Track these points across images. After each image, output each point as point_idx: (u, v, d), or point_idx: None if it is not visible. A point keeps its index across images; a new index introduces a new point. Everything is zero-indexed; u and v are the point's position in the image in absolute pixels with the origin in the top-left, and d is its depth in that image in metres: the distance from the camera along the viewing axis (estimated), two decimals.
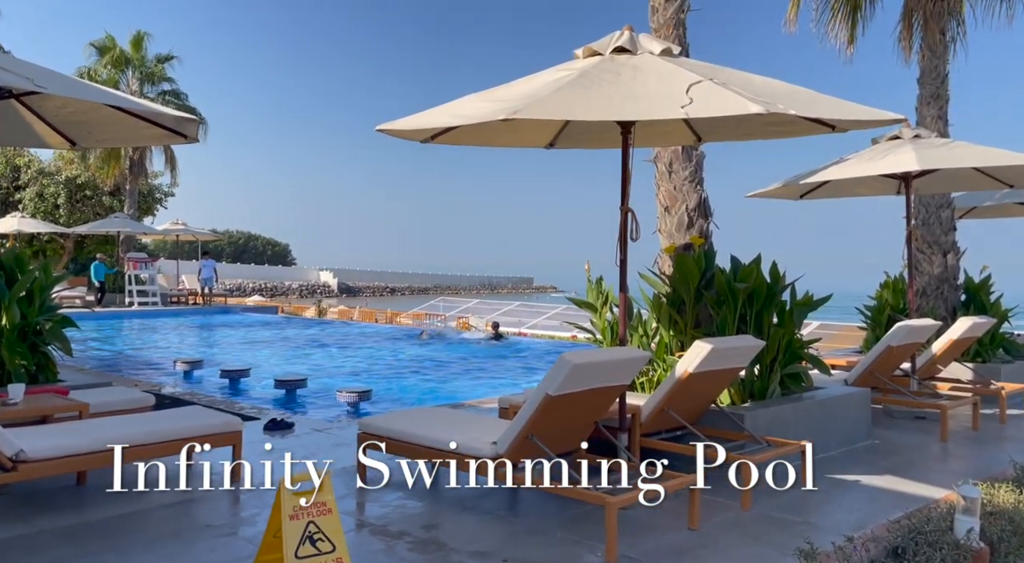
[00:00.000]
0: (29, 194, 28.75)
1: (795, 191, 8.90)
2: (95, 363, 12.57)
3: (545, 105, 3.65)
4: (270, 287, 74.45)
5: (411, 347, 15.94)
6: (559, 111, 3.70)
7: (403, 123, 4.28)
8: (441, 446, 4.53)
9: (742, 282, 5.89)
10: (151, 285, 23.75)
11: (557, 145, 5.95)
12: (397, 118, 4.46)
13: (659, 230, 6.75)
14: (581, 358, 4.11)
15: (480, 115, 3.77)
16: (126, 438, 4.49)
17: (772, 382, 6.07)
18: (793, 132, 5.35)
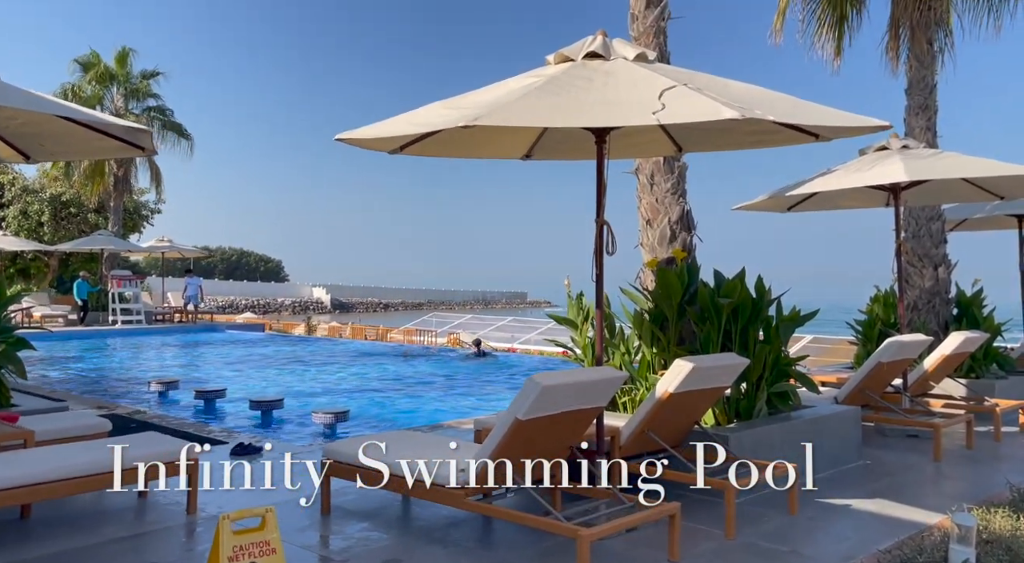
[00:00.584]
0: (13, 212, 28.40)
1: (782, 203, 8.72)
2: (69, 384, 12.25)
3: (508, 112, 3.44)
4: (263, 304, 74.10)
5: (395, 365, 15.66)
6: (523, 118, 3.49)
7: (363, 132, 4.06)
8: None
9: (726, 297, 5.67)
10: (135, 303, 23.42)
11: (534, 156, 5.74)
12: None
13: (641, 244, 6.54)
14: (551, 379, 3.87)
15: (441, 123, 3.56)
16: (72, 468, 4.23)
17: (758, 401, 5.83)
18: (776, 141, 5.15)
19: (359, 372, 14.48)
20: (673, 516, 4.06)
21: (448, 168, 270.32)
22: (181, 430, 7.25)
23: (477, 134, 5.23)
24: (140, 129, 4.65)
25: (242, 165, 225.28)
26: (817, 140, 4.93)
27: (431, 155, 5.32)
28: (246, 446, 6.39)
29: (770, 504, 5.04)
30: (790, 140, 5.06)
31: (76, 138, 5.18)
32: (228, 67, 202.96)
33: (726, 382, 5.12)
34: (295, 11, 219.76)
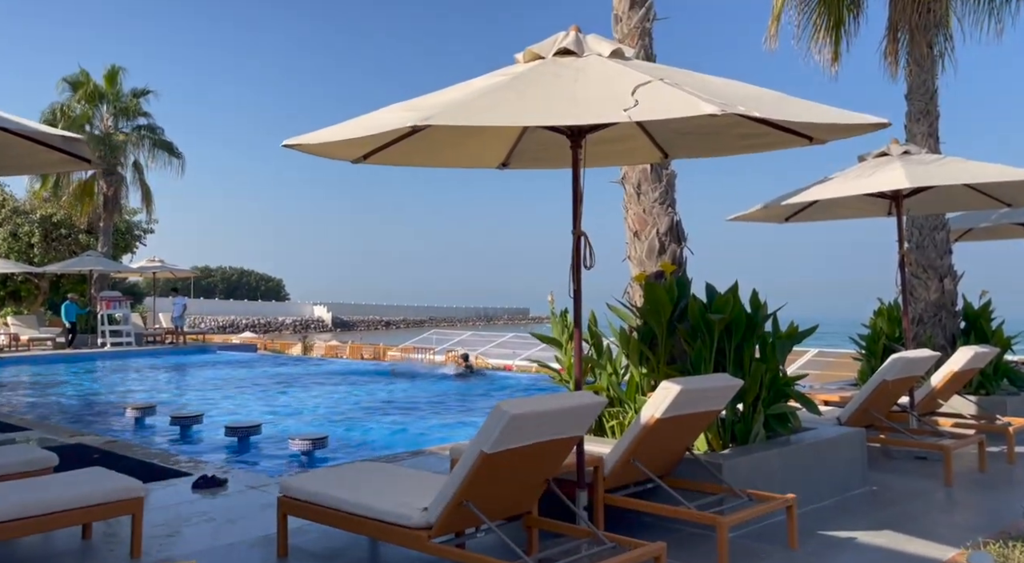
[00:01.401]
0: (2, 233, 28.13)
1: (779, 213, 8.35)
2: (44, 410, 11.85)
3: (464, 111, 3.08)
4: (263, 323, 73.73)
5: (385, 385, 15.26)
6: (480, 117, 3.13)
7: (313, 137, 3.69)
8: (365, 513, 3.88)
9: (717, 313, 5.28)
10: (125, 325, 23.05)
11: (511, 165, 5.38)
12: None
13: (629, 257, 6.16)
14: (520, 408, 3.48)
15: (393, 123, 3.19)
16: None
17: (755, 424, 5.43)
18: (767, 145, 4.79)
19: (347, 393, 14.07)
20: (658, 558, 3.65)
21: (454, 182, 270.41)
22: (146, 461, 6.84)
23: (446, 141, 4.88)
24: (75, 138, 4.31)
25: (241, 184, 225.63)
26: (811, 142, 4.57)
27: (398, 164, 4.97)
28: (209, 479, 5.98)
29: (768, 538, 4.63)
30: (782, 143, 4.70)
31: (21, 151, 4.83)
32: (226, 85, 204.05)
33: (718, 405, 4.72)
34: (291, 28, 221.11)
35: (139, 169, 26.45)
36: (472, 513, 3.60)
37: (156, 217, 29.45)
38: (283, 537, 4.36)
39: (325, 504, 4.09)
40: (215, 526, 4.96)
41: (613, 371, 5.70)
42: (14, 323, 24.77)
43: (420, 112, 3.08)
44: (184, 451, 8.44)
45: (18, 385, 15.34)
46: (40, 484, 4.17)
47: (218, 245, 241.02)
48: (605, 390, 5.71)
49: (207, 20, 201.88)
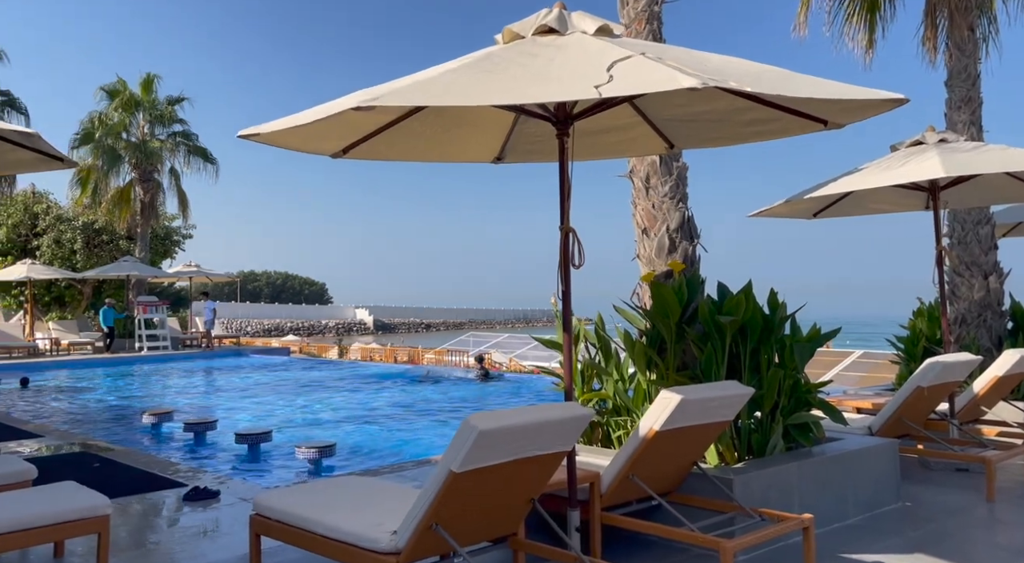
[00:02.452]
0: (47, 241, 28.71)
1: (807, 209, 7.88)
2: (68, 415, 11.88)
3: (414, 92, 2.77)
4: (307, 326, 74.63)
5: (407, 390, 15.04)
6: (433, 97, 2.81)
7: (267, 126, 3.42)
8: (334, 535, 3.58)
9: (728, 315, 4.88)
10: (161, 329, 23.29)
11: (506, 159, 5.06)
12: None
13: (637, 256, 5.78)
14: (491, 422, 3.15)
15: (337, 108, 2.89)
16: None
17: (773, 435, 5.02)
18: (778, 131, 4.39)
19: (368, 398, 13.88)
20: None
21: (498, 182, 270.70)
22: (146, 470, 6.68)
23: (434, 134, 4.58)
24: (30, 133, 4.12)
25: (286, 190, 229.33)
26: (827, 127, 4.16)
27: (385, 158, 4.68)
28: (201, 490, 5.77)
29: (784, 561, 4.23)
30: (794, 129, 4.29)
31: None
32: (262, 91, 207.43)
33: (727, 415, 4.33)
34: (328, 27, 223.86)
35: (175, 175, 26.76)
36: (442, 538, 3.29)
37: (194, 222, 29.80)
38: (255, 558, 4.10)
39: (295, 524, 3.81)
40: (196, 542, 4.73)
41: (620, 377, 5.34)
42: (55, 328, 25.25)
43: (368, 95, 2.78)
44: (191, 459, 8.31)
45: (50, 389, 15.50)
46: (8, 500, 3.96)
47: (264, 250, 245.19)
48: (612, 398, 5.35)
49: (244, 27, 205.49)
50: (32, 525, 3.80)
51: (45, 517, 3.86)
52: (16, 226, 29.85)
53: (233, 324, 66.52)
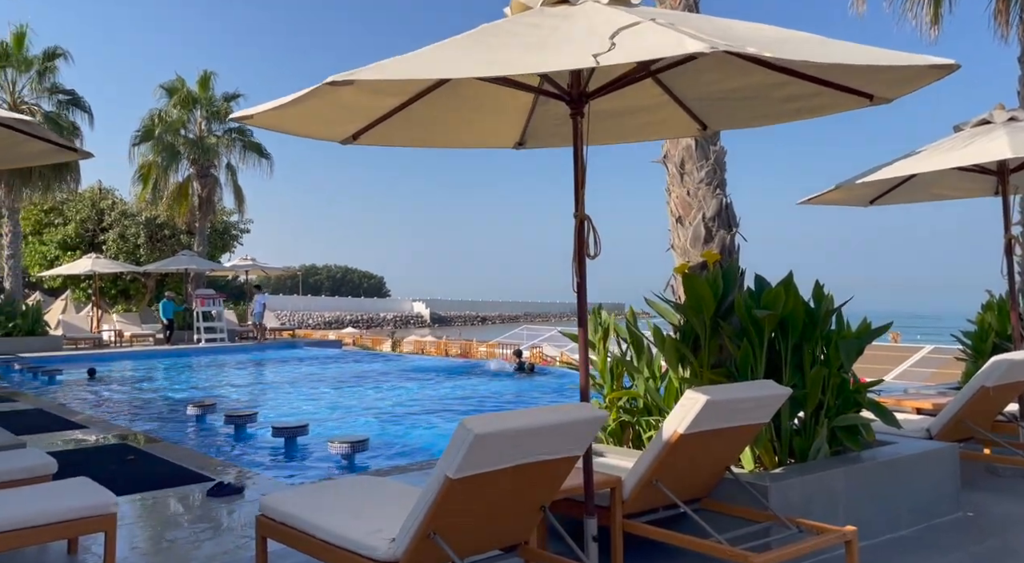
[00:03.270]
0: (112, 235, 29.63)
1: (861, 195, 7.40)
2: (118, 405, 12.10)
3: (398, 67, 2.53)
4: (366, 318, 75.70)
5: (451, 383, 14.92)
6: (415, 70, 2.57)
7: (261, 108, 3.22)
8: (334, 541, 3.40)
9: (765, 308, 4.53)
10: (219, 321, 23.76)
11: (528, 144, 4.80)
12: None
13: (672, 246, 5.46)
14: (490, 425, 2.91)
15: (318, 85, 2.68)
16: None
17: (817, 437, 4.65)
18: (819, 108, 4.02)
19: (411, 392, 13.80)
20: None
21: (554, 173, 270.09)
22: (178, 464, 6.66)
23: (448, 118, 4.35)
24: (29, 121, 4.06)
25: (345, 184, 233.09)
26: (872, 102, 3.78)
27: (395, 145, 4.48)
28: (225, 486, 5.69)
29: None
30: (837, 105, 3.92)
31: (8, 143, 4.63)
32: None
33: (761, 417, 4.00)
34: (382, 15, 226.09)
35: (232, 171, 27.27)
36: (439, 548, 3.07)
37: (250, 217, 30.37)
38: (263, 560, 3.95)
39: (297, 527, 3.64)
40: (209, 541, 4.63)
41: (651, 375, 5.03)
42: (119, 320, 26.03)
43: (350, 73, 2.55)
44: (229, 451, 8.30)
45: (110, 380, 15.90)
46: (8, 497, 3.90)
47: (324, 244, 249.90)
48: (642, 396, 5.05)
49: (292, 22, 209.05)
50: (34, 523, 3.72)
51: (49, 515, 3.78)
52: (84, 221, 30.94)
53: (295, 316, 67.97)
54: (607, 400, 5.17)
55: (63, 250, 30.70)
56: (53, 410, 10.23)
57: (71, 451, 7.42)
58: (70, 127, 23.68)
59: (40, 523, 3.73)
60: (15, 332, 21.45)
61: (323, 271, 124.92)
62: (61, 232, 30.88)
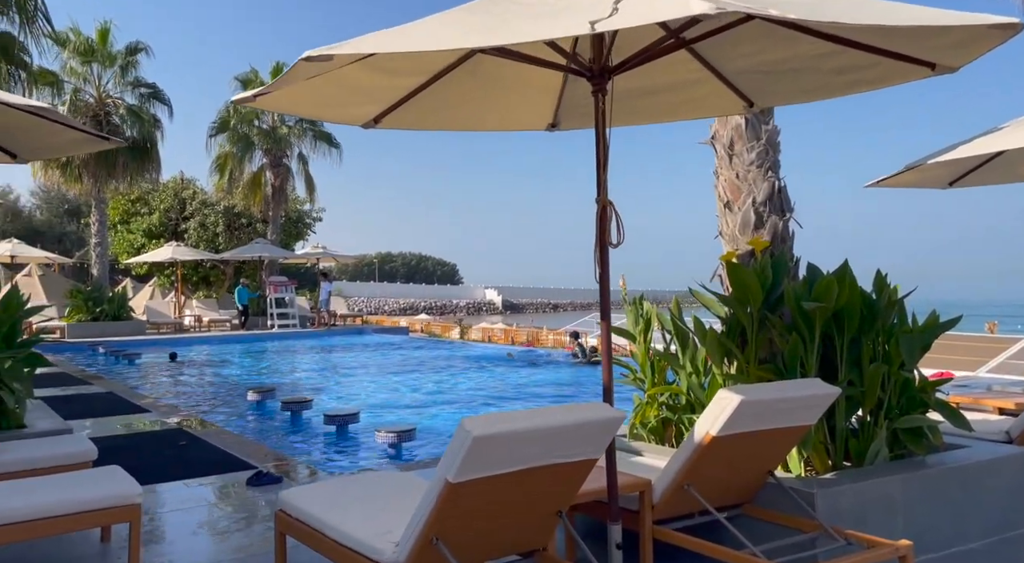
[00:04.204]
0: (193, 224, 30.67)
1: (940, 176, 6.83)
2: (186, 388, 12.44)
3: (381, 40, 2.34)
4: (439, 305, 76.74)
5: (507, 372, 14.79)
6: (388, 44, 2.37)
7: (262, 90, 3.09)
8: (342, 541, 3.28)
9: (816, 300, 4.17)
10: (291, 308, 24.30)
11: (561, 125, 4.56)
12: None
13: (720, 233, 5.12)
14: (491, 426, 2.71)
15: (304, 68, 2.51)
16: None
17: (876, 439, 4.28)
18: (875, 80, 3.64)
19: (469, 380, 13.74)
20: None
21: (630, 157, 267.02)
22: (226, 450, 6.73)
23: (469, 99, 4.15)
24: (45, 107, 4.06)
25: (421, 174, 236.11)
26: (934, 71, 3.38)
27: (420, 128, 4.30)
28: (264, 475, 5.69)
29: None
30: (895, 76, 3.54)
31: (44, 132, 4.69)
32: None
33: (806, 419, 3.67)
34: None
35: (303, 160, 27.79)
36: (442, 554, 2.90)
37: (322, 206, 30.92)
38: (281, 556, 3.87)
39: (311, 525, 3.54)
40: (238, 532, 4.60)
41: (694, 370, 4.73)
42: (198, 305, 26.95)
43: (327, 48, 2.38)
44: (279, 439, 8.37)
45: (185, 364, 16.42)
46: (37, 486, 3.94)
47: (399, 231, 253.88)
48: (685, 393, 4.76)
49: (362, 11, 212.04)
50: (58, 512, 3.72)
51: (74, 504, 3.78)
52: (167, 211, 32.12)
53: (372, 303, 69.42)
54: (647, 395, 4.90)
55: (148, 238, 31.97)
56: (123, 394, 10.56)
57: (128, 435, 7.61)
58: (151, 119, 24.53)
59: (64, 512, 3.74)
60: (102, 317, 22.43)
61: (398, 258, 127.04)
62: (147, 221, 32.15)
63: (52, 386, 11.47)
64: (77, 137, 4.64)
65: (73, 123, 4.40)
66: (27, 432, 5.39)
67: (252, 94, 3.02)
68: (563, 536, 3.78)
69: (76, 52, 23.88)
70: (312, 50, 2.26)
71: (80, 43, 23.87)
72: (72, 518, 3.78)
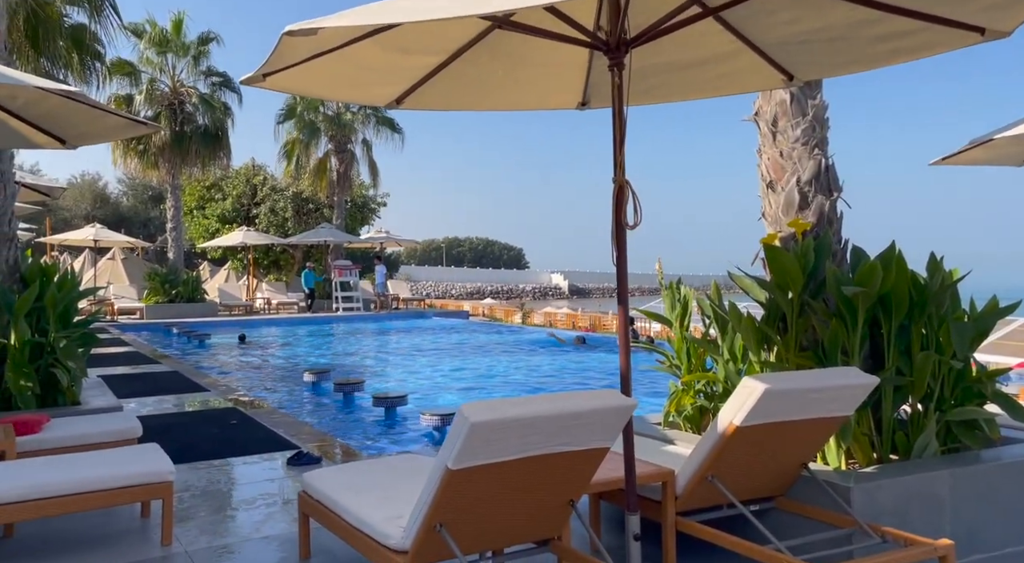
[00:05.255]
0: (264, 210, 31.48)
1: (1011, 153, 6.40)
2: (246, 370, 12.79)
3: (367, 12, 2.27)
4: (506, 290, 77.06)
5: (563, 356, 14.68)
6: (369, 16, 2.28)
7: (263, 68, 3.05)
8: (354, 524, 3.29)
9: (859, 285, 3.94)
10: (355, 291, 24.73)
11: (591, 104, 4.42)
12: None
13: (763, 214, 4.90)
14: (489, 413, 2.64)
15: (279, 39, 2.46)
16: (47, 487, 3.74)
17: (924, 432, 4.03)
18: (920, 47, 3.39)
19: (524, 364, 13.70)
20: None
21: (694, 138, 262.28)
22: (273, 430, 6.86)
23: (494, 78, 4.06)
24: (76, 91, 4.14)
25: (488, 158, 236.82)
26: (984, 36, 3.12)
27: (445, 108, 4.24)
28: (303, 456, 5.77)
29: None
30: (941, 43, 3.28)
31: (87, 117, 4.82)
32: None
33: (839, 410, 3.47)
34: None
35: (367, 146, 28.16)
36: (444, 541, 2.85)
37: (386, 191, 31.30)
38: (304, 537, 3.92)
39: (328, 507, 3.56)
40: (272, 511, 4.67)
41: (731, 357, 4.56)
42: (268, 288, 27.71)
43: (311, 22, 2.32)
44: (328, 420, 8.50)
45: (251, 345, 16.90)
46: (76, 462, 4.07)
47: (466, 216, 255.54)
48: (722, 381, 4.60)
49: None
50: (94, 488, 3.84)
51: (109, 480, 3.90)
52: (239, 196, 33.04)
53: (439, 287, 70.21)
54: (682, 383, 4.75)
55: (222, 223, 32.96)
56: (186, 373, 10.92)
57: (183, 413, 7.85)
58: (222, 107, 25.21)
59: (97, 488, 3.86)
60: (177, 299, 23.30)
61: (465, 243, 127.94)
62: (220, 207, 33.15)
63: (124, 364, 11.97)
64: (119, 122, 4.75)
65: (107, 108, 4.50)
66: (81, 409, 5.60)
67: (260, 73, 3.00)
68: (587, 523, 3.69)
69: (152, 43, 24.70)
70: (294, 25, 2.21)
71: (155, 34, 24.68)
72: (105, 494, 3.90)
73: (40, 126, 5.08)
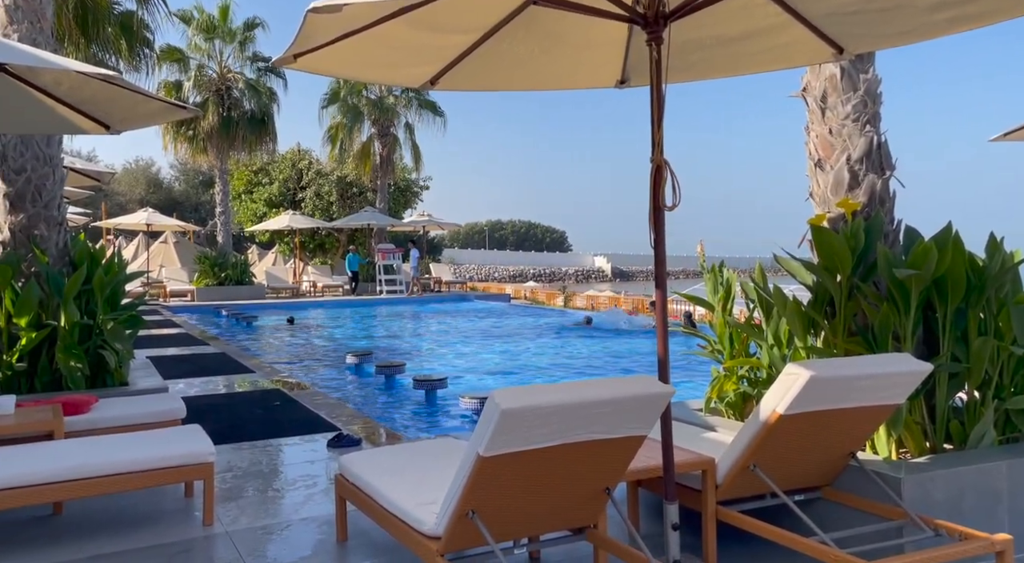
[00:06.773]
0: (309, 194, 31.83)
1: None
2: (294, 350, 12.96)
3: None
4: (548, 273, 76.90)
5: (602, 340, 14.55)
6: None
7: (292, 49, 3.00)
8: (389, 508, 3.28)
9: (912, 267, 3.76)
10: (398, 274, 24.91)
11: (631, 81, 4.29)
12: None
13: (811, 194, 4.72)
14: (520, 399, 2.58)
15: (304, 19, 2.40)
16: (93, 467, 3.82)
17: (981, 420, 3.86)
18: (981, 15, 3.19)
19: (564, 347, 13.61)
20: None
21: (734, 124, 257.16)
22: (314, 411, 6.93)
23: (530, 57, 3.96)
24: (114, 75, 4.16)
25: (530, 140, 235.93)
26: None
27: (480, 88, 4.16)
28: (343, 438, 5.80)
29: None
30: (1005, 8, 3.08)
31: (127, 102, 4.86)
32: None
33: (890, 398, 3.33)
34: None
35: (410, 129, 28.21)
36: (478, 529, 2.81)
37: (429, 175, 31.39)
38: (341, 520, 3.92)
39: (364, 491, 3.56)
40: (312, 492, 4.70)
41: (775, 342, 4.42)
42: (313, 272, 28.07)
43: None
44: (370, 402, 8.56)
45: (297, 327, 17.14)
46: (119, 443, 4.14)
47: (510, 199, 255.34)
48: (766, 367, 4.46)
49: None
50: (131, 469, 3.90)
51: (149, 462, 3.95)
52: (286, 181, 33.46)
53: (483, 270, 70.40)
54: (725, 368, 4.63)
55: (269, 207, 33.46)
56: (233, 355, 11.11)
57: (227, 394, 7.97)
58: (267, 93, 25.50)
59: (139, 469, 3.91)
60: (226, 281, 23.75)
61: (508, 226, 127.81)
62: (267, 191, 33.63)
63: (173, 346, 12.23)
64: (160, 107, 4.78)
65: (147, 92, 4.54)
66: (128, 390, 5.71)
67: (290, 54, 2.96)
68: (624, 512, 3.62)
69: (200, 29, 25.06)
70: (318, 2, 2.15)
71: (203, 20, 25.01)
72: (148, 475, 3.95)
73: (85, 111, 5.14)
